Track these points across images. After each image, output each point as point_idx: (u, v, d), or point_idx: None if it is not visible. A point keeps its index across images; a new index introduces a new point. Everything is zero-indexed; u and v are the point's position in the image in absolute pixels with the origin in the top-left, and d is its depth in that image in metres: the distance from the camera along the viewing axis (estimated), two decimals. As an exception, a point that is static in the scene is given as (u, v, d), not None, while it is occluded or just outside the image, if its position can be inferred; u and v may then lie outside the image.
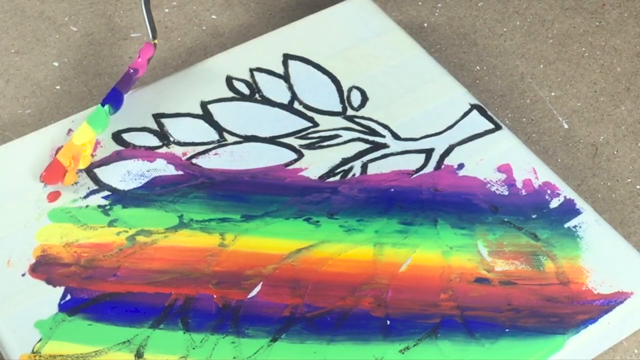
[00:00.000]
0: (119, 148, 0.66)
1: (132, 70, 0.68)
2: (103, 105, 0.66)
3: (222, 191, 0.63)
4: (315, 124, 0.67)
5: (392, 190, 0.63)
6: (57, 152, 0.64)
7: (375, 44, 0.72)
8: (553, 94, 0.74)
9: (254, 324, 0.57)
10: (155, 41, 0.69)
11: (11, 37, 0.78)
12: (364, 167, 0.65)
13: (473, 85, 0.74)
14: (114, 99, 0.66)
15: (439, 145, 0.66)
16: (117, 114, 0.67)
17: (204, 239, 0.61)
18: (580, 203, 0.63)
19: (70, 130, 0.66)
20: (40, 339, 0.56)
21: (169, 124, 0.67)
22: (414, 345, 0.56)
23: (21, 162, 0.65)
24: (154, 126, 0.67)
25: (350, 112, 0.68)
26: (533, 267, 0.59)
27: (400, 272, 0.59)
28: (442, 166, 0.65)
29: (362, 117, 0.67)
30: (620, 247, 0.60)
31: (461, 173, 0.64)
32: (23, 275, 0.59)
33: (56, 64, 0.76)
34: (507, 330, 0.57)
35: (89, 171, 0.64)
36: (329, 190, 0.63)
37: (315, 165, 0.65)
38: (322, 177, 0.64)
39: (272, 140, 0.66)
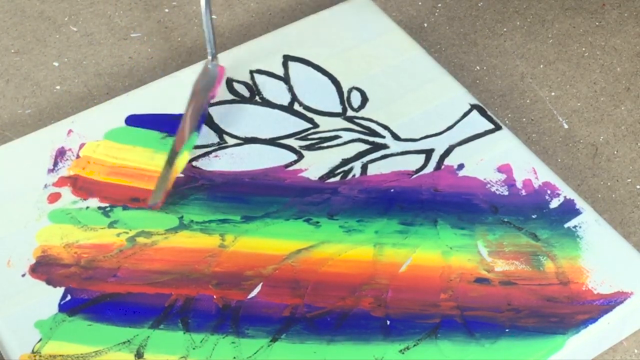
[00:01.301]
0: (119, 148, 0.66)
1: (212, 97, 0.67)
2: (197, 132, 0.65)
3: (222, 192, 0.63)
4: (315, 125, 0.67)
5: (392, 190, 0.63)
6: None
7: (375, 44, 0.72)
8: (553, 94, 0.74)
9: (254, 324, 0.57)
10: (217, 60, 0.68)
11: (11, 37, 0.78)
12: (364, 167, 0.65)
13: (473, 85, 0.74)
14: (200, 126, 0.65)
15: (439, 145, 0.66)
16: (117, 115, 0.67)
17: (204, 240, 0.61)
18: (580, 203, 0.62)
19: (70, 131, 0.66)
20: (40, 339, 0.56)
21: (169, 124, 0.67)
22: (414, 345, 0.56)
23: (21, 162, 0.65)
24: (154, 127, 0.67)
25: (350, 112, 0.68)
26: (533, 267, 0.59)
27: (400, 272, 0.59)
28: (442, 166, 0.65)
29: (362, 118, 0.67)
30: (620, 247, 0.60)
31: (461, 173, 0.64)
32: (23, 275, 0.59)
33: (56, 64, 0.76)
34: (507, 330, 0.57)
35: (89, 172, 0.64)
36: (329, 191, 0.63)
37: (315, 166, 0.65)
38: (322, 178, 0.64)
39: (272, 142, 0.66)
